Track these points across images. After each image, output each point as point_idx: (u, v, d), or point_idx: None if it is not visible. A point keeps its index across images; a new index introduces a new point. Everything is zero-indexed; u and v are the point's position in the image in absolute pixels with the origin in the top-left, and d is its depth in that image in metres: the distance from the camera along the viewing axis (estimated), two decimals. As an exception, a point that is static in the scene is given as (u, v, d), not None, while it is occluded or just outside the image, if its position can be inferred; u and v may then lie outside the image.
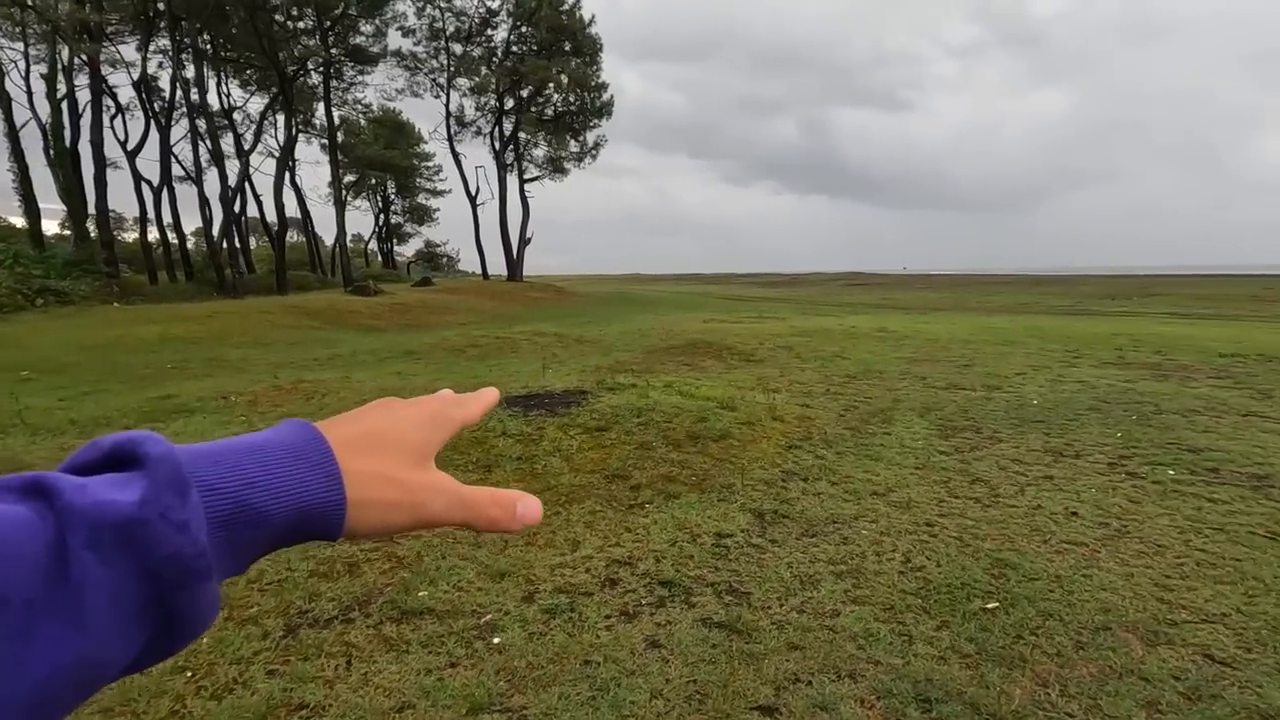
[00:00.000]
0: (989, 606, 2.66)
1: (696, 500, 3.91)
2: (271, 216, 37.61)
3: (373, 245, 63.55)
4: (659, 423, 5.18)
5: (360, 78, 37.20)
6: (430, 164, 57.04)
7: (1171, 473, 4.34)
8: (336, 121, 39.34)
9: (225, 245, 28.05)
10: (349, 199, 56.69)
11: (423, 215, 61.84)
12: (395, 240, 65.13)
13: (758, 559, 3.15)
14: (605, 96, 33.83)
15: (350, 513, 0.35)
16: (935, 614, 2.63)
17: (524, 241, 36.08)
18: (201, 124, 28.09)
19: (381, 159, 49.28)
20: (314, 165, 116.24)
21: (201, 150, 30.86)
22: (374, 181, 56.11)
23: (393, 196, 60.61)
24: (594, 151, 36.13)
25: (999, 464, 4.62)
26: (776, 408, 6.09)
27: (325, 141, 33.00)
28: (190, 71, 27.49)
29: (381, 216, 60.21)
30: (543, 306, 24.73)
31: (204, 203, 29.90)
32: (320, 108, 33.26)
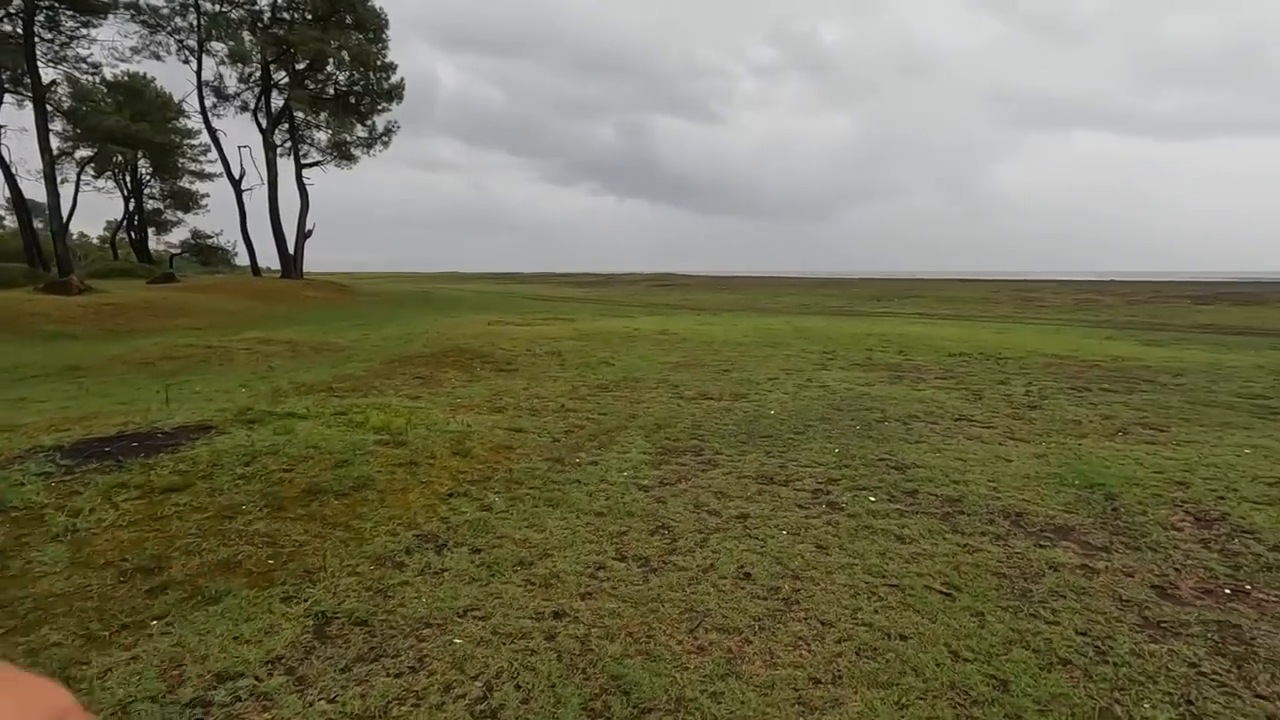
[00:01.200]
0: (549, 791, 1.71)
1: (242, 604, 2.63)
2: (-45, 194, 29.78)
3: (132, 235, 53.41)
4: (273, 471, 3.79)
5: (84, 31, 30.69)
6: (196, 142, 49.15)
7: (872, 499, 3.87)
8: (51, 80, 32.24)
9: None
10: (88, 178, 47.16)
11: (187, 201, 53.20)
12: (154, 229, 55.42)
13: (241, 728, 1.96)
14: (394, 78, 30.94)
15: None
16: (458, 823, 1.61)
17: (303, 234, 32.01)
18: None
19: (126, 132, 41.07)
20: (24, 134, 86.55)
21: None
22: (120, 159, 47.09)
23: (147, 178, 51.40)
24: (385, 138, 33.01)
25: (698, 500, 3.88)
26: (472, 435, 4.97)
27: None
28: None
29: (133, 201, 50.75)
30: (313, 308, 21.72)
31: None
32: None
